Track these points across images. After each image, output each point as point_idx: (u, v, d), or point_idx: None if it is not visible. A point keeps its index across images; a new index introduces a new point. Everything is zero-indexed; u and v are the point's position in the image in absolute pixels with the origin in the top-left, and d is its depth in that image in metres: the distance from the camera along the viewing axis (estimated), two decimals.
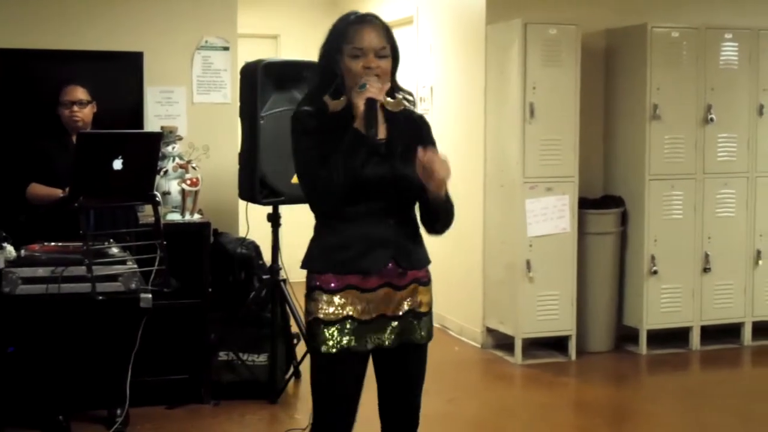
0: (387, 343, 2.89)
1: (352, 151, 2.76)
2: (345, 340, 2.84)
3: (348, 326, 2.84)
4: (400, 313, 2.90)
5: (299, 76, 5.20)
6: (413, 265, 2.92)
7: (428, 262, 2.99)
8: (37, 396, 4.65)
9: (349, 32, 2.86)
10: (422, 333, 2.95)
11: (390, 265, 2.86)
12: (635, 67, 6.42)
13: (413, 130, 2.95)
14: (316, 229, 2.92)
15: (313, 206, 2.90)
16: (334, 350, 2.83)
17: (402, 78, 2.98)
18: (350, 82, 2.85)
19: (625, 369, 6.21)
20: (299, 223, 4.75)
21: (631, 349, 6.49)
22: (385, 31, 2.89)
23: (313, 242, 2.92)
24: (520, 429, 5.18)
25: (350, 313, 2.84)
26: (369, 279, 2.85)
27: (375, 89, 2.79)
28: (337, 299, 2.84)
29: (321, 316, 2.84)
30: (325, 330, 2.83)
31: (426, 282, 2.97)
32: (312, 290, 2.88)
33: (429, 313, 2.98)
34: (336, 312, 2.84)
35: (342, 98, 2.85)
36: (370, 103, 2.77)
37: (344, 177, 2.74)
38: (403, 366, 2.97)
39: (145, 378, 4.84)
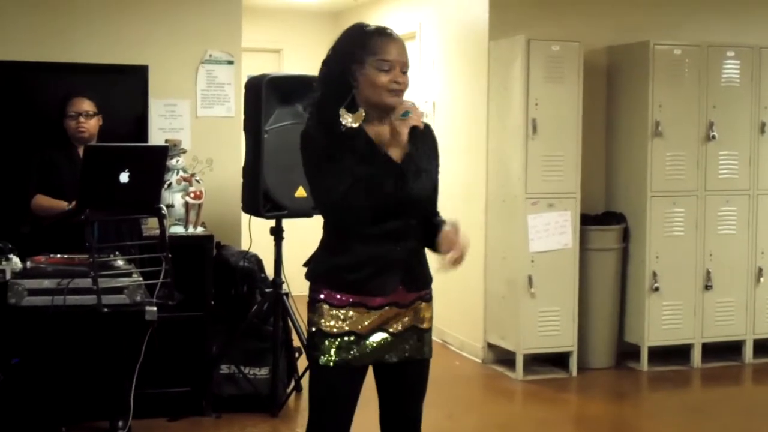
0: (388, 359, 2.89)
1: (368, 163, 2.73)
2: (344, 354, 2.84)
3: (349, 340, 2.84)
4: (403, 329, 2.90)
5: (303, 90, 5.17)
6: (420, 287, 2.93)
7: (432, 280, 2.99)
8: (40, 407, 4.66)
9: (372, 43, 2.77)
10: (424, 349, 2.95)
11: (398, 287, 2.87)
12: (637, 84, 6.44)
13: (426, 146, 2.92)
14: (327, 243, 2.90)
15: (334, 223, 2.85)
16: (332, 363, 2.83)
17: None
18: (370, 95, 2.78)
19: (626, 385, 6.21)
20: (302, 236, 4.79)
21: (632, 366, 6.49)
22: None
23: (322, 256, 2.90)
24: None
25: (352, 327, 2.84)
26: (375, 298, 2.85)
27: (417, 117, 2.77)
28: (340, 313, 2.83)
29: (323, 328, 2.84)
30: (326, 342, 2.84)
31: (429, 298, 2.98)
32: (316, 302, 2.88)
33: (430, 330, 2.99)
34: (338, 326, 2.84)
35: (360, 111, 2.79)
36: (413, 131, 2.77)
37: (362, 190, 2.70)
38: (405, 380, 2.97)
39: (147, 390, 4.83)
